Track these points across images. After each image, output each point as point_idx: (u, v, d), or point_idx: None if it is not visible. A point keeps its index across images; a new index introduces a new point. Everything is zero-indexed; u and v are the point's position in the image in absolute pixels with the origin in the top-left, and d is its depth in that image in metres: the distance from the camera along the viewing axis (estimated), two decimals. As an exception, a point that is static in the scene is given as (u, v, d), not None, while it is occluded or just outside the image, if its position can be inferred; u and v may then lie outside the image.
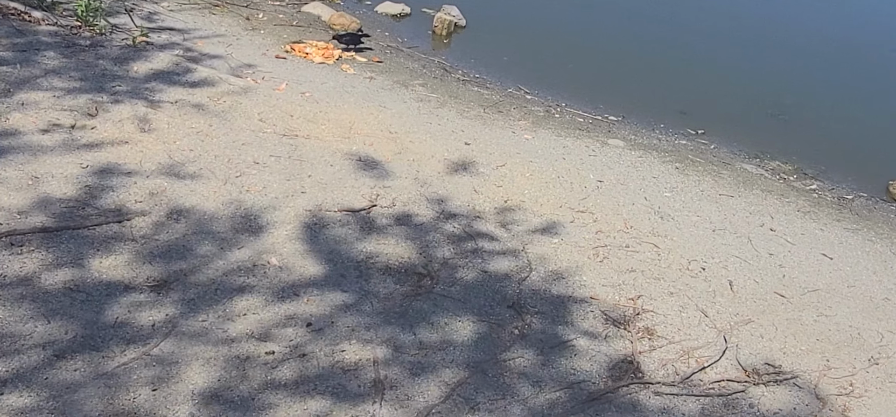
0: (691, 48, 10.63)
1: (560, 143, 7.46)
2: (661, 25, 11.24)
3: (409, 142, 6.82)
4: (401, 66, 8.72)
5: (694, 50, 10.59)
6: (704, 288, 5.55)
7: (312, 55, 8.30)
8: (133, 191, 5.36)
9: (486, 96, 8.38)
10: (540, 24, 10.64)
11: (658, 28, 11.12)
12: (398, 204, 5.83)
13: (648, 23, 11.26)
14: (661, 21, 11.41)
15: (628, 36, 10.75)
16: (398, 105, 7.58)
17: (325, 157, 6.28)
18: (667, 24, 11.36)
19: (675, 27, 11.26)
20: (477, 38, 9.95)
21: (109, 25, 7.82)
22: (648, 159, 7.52)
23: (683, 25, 11.36)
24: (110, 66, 7.01)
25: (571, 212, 6.22)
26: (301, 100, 7.20)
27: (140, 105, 6.47)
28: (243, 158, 6.05)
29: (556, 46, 10.09)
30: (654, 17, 11.49)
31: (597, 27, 10.87)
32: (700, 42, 10.88)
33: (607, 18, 11.21)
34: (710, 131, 8.56)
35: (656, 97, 9.19)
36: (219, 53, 7.93)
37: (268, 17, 9.20)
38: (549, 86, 9.00)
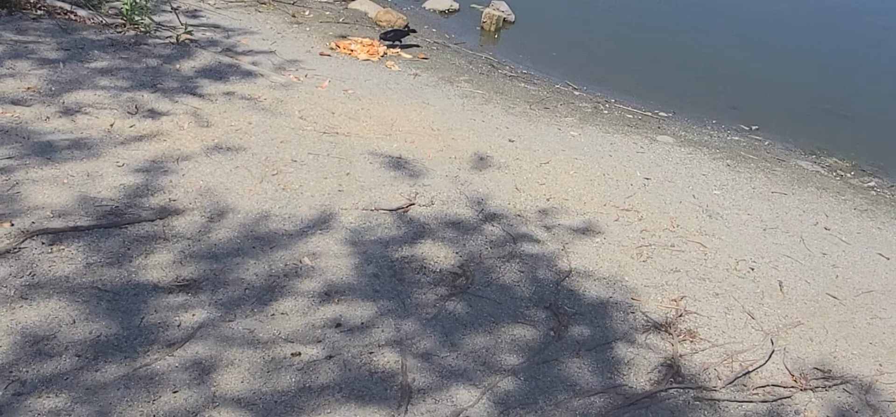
0: (746, 41, 10.40)
1: (607, 140, 7.30)
2: (714, 18, 11.01)
3: (451, 139, 6.71)
4: (447, 62, 8.61)
5: (748, 43, 10.36)
6: (752, 289, 5.36)
7: (357, 52, 8.22)
8: (170, 189, 5.31)
9: (533, 92, 8.24)
10: (591, 18, 10.48)
11: (711, 21, 10.90)
12: (437, 202, 5.72)
13: (702, 16, 11.03)
14: (714, 14, 11.17)
15: (681, 30, 10.55)
16: (442, 101, 7.48)
17: (365, 155, 6.19)
18: (720, 16, 11.11)
19: (729, 20, 11.02)
20: (526, 34, 9.81)
21: (154, 23, 7.80)
22: (698, 156, 7.32)
23: (738, 18, 11.11)
24: (154, 64, 6.99)
25: (616, 211, 6.06)
26: (343, 98, 7.13)
27: (181, 103, 6.44)
28: (281, 156, 5.98)
29: (606, 41, 9.92)
30: (707, 10, 11.25)
31: (648, 21, 10.68)
32: (755, 35, 10.64)
33: (660, 12, 11.01)
34: (764, 127, 8.33)
35: (708, 92, 8.99)
36: (263, 50, 7.88)
37: (314, 14, 9.15)
38: (599, 81, 8.84)
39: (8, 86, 6.28)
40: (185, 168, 5.61)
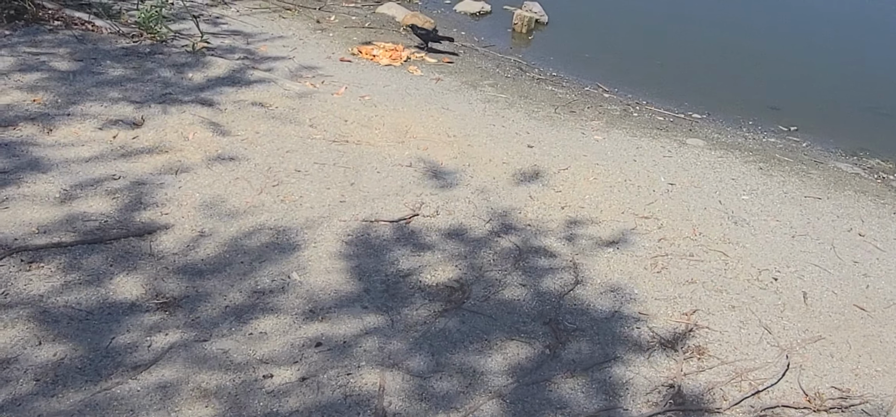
0: (785, 40, 10.03)
1: (633, 144, 7.01)
2: (753, 17, 10.63)
3: (467, 146, 6.48)
4: (472, 65, 8.38)
5: (788, 42, 9.98)
6: (773, 301, 5.05)
7: (379, 57, 8.03)
8: (163, 202, 5.16)
9: (560, 95, 7.97)
10: (626, 19, 10.18)
11: (751, 20, 10.53)
12: (443, 213, 5.49)
13: (740, 14, 10.66)
14: (753, 12, 10.79)
15: (719, 29, 10.20)
16: (462, 107, 7.25)
17: (374, 164, 5.99)
18: (759, 15, 10.73)
19: (768, 19, 10.63)
20: (558, 35, 9.54)
21: (171, 32, 7.69)
22: (729, 159, 7.00)
23: (777, 16, 10.71)
24: (165, 74, 6.87)
25: (634, 219, 5.78)
26: (358, 104, 6.94)
27: (189, 113, 6.30)
28: (284, 167, 5.80)
29: (641, 42, 9.62)
30: (745, 8, 10.87)
31: (685, 22, 10.34)
32: (797, 31, 10.25)
33: (697, 12, 10.64)
34: (804, 128, 7.97)
35: (746, 92, 8.66)
36: (281, 57, 7.73)
37: (339, 19, 8.98)
38: (631, 83, 8.54)
39: (13, 97, 6.20)
40: (183, 180, 5.45)
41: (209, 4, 8.77)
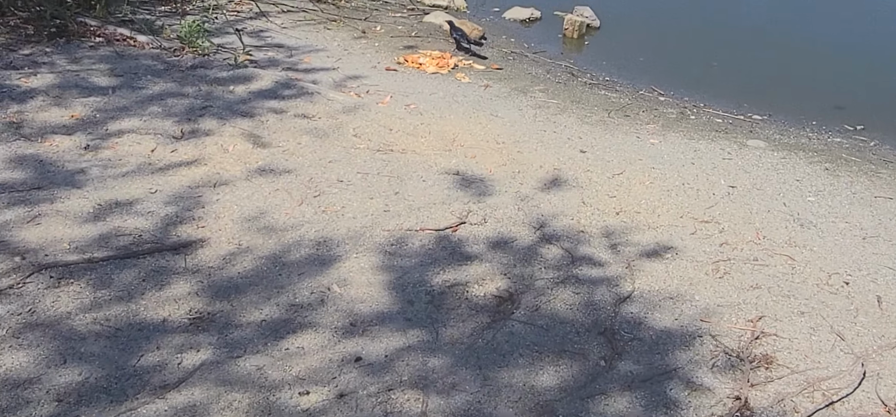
0: (851, 36, 9.63)
1: (690, 147, 6.70)
2: (812, 12, 10.24)
3: (516, 153, 6.23)
4: (522, 72, 8.13)
5: (850, 36, 9.58)
6: (844, 307, 4.71)
7: (426, 65, 7.81)
8: (201, 216, 4.98)
9: (613, 99, 7.68)
10: (679, 21, 9.86)
11: (809, 16, 10.14)
12: (491, 221, 5.24)
13: (798, 10, 10.28)
14: (811, 6, 10.40)
15: (776, 26, 9.84)
16: (512, 113, 7.00)
17: (419, 173, 5.76)
18: (818, 9, 10.34)
19: (832, 15, 10.23)
20: (610, 39, 9.26)
21: (213, 46, 7.54)
22: (793, 160, 6.66)
23: (836, 10, 10.31)
24: (206, 88, 6.71)
25: (694, 223, 5.48)
26: (404, 113, 6.72)
27: (230, 125, 6.13)
28: (327, 177, 5.60)
29: (698, 43, 9.30)
30: (803, 3, 10.48)
31: (740, 20, 10.00)
32: (857, 27, 9.84)
33: (752, 10, 10.28)
34: (871, 126, 7.60)
35: (809, 92, 8.29)
36: (325, 68, 7.55)
37: (385, 29, 8.78)
38: (687, 85, 8.22)
39: (52, 114, 6.07)
40: (222, 193, 5.27)
41: (252, 18, 8.63)
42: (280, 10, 8.92)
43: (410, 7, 9.55)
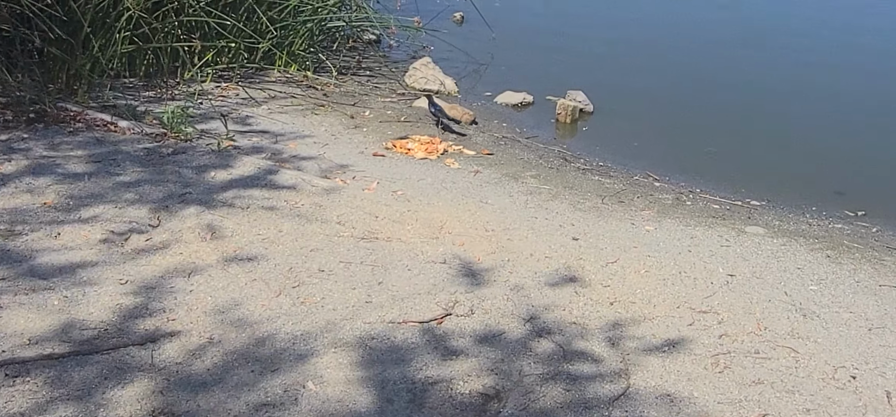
0: (851, 119, 9.45)
1: (687, 233, 6.46)
2: (816, 99, 10.09)
3: (506, 241, 5.99)
4: (514, 157, 7.92)
5: (854, 121, 9.40)
6: (852, 403, 4.45)
7: (414, 151, 7.61)
8: (172, 308, 4.73)
9: (607, 185, 7.47)
10: (675, 105, 9.70)
11: (813, 102, 9.98)
12: (478, 312, 4.98)
13: (802, 97, 10.13)
14: (816, 94, 10.26)
15: (774, 112, 9.65)
16: (502, 200, 6.77)
17: (404, 261, 5.52)
18: (823, 96, 10.19)
19: (833, 98, 10.08)
20: (604, 124, 9.08)
21: (196, 131, 7.35)
22: (793, 247, 6.42)
23: (842, 96, 10.17)
24: (187, 174, 6.49)
25: (691, 313, 5.22)
26: (390, 200, 6.49)
27: (207, 213, 5.90)
28: (307, 266, 5.35)
29: (694, 128, 9.12)
30: (808, 91, 10.34)
31: (738, 106, 9.81)
32: (861, 112, 9.65)
33: (756, 97, 10.12)
34: (873, 212, 7.38)
35: (808, 177, 8.09)
36: (311, 155, 7.34)
37: (375, 114, 8.60)
38: (683, 170, 8.02)
39: (22, 201, 5.85)
40: (196, 283, 5.02)
41: (238, 104, 8.46)
42: (267, 96, 8.75)
43: (400, 92, 9.39)
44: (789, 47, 12.11)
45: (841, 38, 12.99)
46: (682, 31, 12.56)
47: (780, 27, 13.52)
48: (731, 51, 11.66)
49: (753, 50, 11.71)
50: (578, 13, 13.44)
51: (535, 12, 13.20)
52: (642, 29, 12.69)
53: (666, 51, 11.56)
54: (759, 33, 12.79)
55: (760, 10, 14.45)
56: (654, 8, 13.76)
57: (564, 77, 10.17)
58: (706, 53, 11.48)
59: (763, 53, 11.65)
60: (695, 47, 11.73)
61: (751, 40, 12.24)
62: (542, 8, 13.47)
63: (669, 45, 11.79)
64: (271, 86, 9.06)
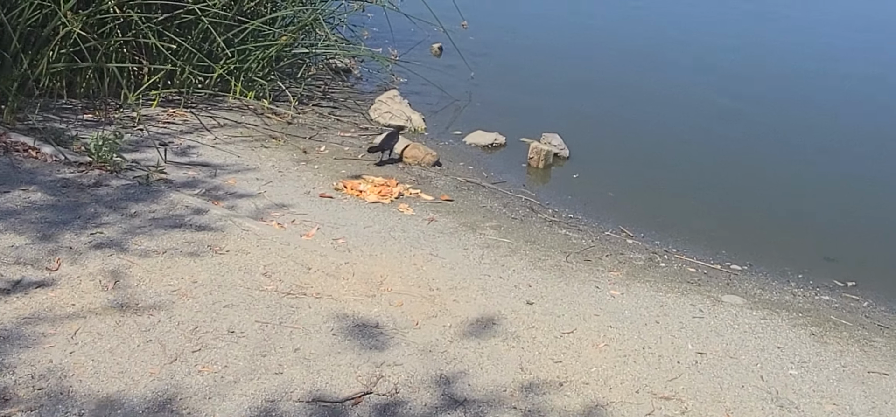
0: (846, 178, 8.77)
1: (657, 301, 5.80)
2: (809, 151, 9.43)
3: (451, 302, 5.32)
4: (475, 204, 7.26)
5: (849, 180, 8.71)
6: None
7: (366, 193, 6.96)
8: (41, 374, 4.05)
9: (574, 241, 6.80)
10: (659, 152, 9.02)
11: (806, 154, 9.31)
12: (403, 390, 4.32)
13: (793, 150, 9.46)
14: (809, 146, 9.60)
15: (768, 166, 8.97)
16: (455, 253, 6.11)
17: (330, 323, 4.86)
18: (809, 146, 9.52)
19: (827, 154, 9.41)
20: (579, 171, 8.43)
21: (126, 162, 6.69)
22: (774, 322, 5.76)
23: (837, 152, 9.50)
24: (103, 210, 5.84)
25: (652, 399, 4.57)
26: (328, 249, 5.84)
27: (116, 257, 5.24)
28: (216, 326, 4.69)
29: (676, 179, 8.45)
30: (800, 143, 9.68)
31: (726, 156, 9.14)
32: (857, 171, 8.98)
33: (739, 146, 9.45)
34: (864, 283, 6.71)
35: (796, 239, 7.43)
36: (250, 192, 6.68)
37: (331, 150, 7.94)
38: (660, 227, 7.36)
39: None
40: (80, 343, 4.38)
41: (184, 131, 7.80)
42: (217, 124, 8.10)
43: (363, 126, 8.74)
44: (784, 98, 11.46)
45: (839, 83, 12.34)
46: (674, 75, 11.90)
47: (775, 73, 12.88)
48: (720, 99, 11.00)
49: (746, 101, 11.05)
50: (565, 48, 12.79)
51: (520, 46, 12.54)
52: (631, 70, 12.04)
53: (653, 94, 10.90)
54: (754, 81, 12.14)
55: (759, 55, 13.78)
56: (647, 50, 13.10)
57: (542, 117, 9.53)
58: (696, 99, 10.81)
59: (755, 105, 10.99)
60: (685, 93, 11.06)
61: (743, 90, 11.57)
62: (527, 41, 12.80)
63: (658, 89, 11.13)
64: (224, 114, 8.41)
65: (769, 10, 16.87)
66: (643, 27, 14.45)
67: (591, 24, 14.49)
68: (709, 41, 14.12)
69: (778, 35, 15.13)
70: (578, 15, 14.88)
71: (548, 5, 15.47)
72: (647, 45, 13.37)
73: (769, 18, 16.41)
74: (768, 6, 17.13)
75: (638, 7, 15.80)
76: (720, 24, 15.43)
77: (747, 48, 13.94)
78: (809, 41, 14.65)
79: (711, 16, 16.20)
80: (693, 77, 11.83)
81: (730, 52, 13.42)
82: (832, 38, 14.98)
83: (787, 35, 15.11)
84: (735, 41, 14.28)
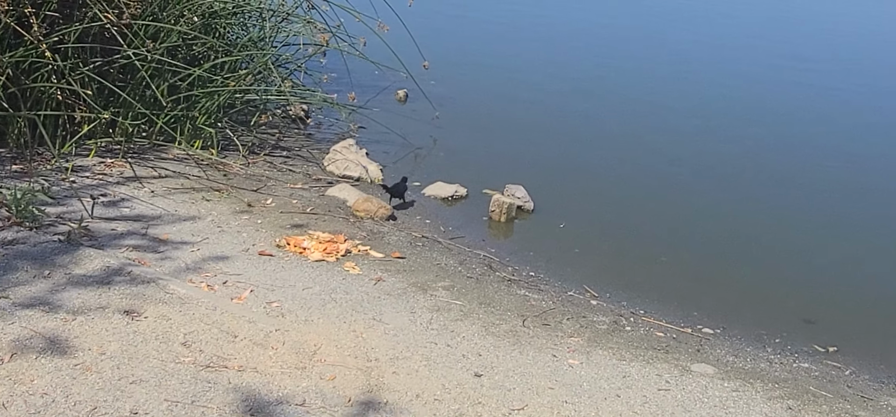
0: (827, 235, 8.27)
1: (619, 371, 5.31)
2: (782, 203, 8.94)
3: (390, 375, 4.82)
4: (429, 262, 6.75)
5: (831, 237, 8.22)
6: None
7: (310, 250, 6.45)
8: None
9: (533, 302, 6.30)
10: (628, 207, 8.53)
11: (779, 207, 8.83)
12: (323, 483, 3.76)
13: (766, 200, 8.98)
14: (781, 196, 9.12)
15: (738, 219, 8.49)
16: (400, 318, 5.60)
17: (250, 402, 4.35)
18: (789, 198, 9.06)
19: (801, 204, 8.94)
20: (543, 225, 7.93)
21: (49, 216, 6.18)
22: (747, 394, 5.27)
23: (812, 201, 9.04)
24: (14, 271, 5.34)
25: (607, 490, 4.01)
26: (260, 314, 5.32)
27: (17, 325, 4.74)
28: (118, 408, 4.19)
29: (644, 235, 7.95)
30: (773, 193, 9.19)
31: (700, 211, 8.64)
32: (840, 227, 8.49)
33: (714, 200, 8.96)
34: (846, 348, 6.24)
35: (773, 299, 6.96)
36: (183, 249, 6.19)
37: (278, 203, 7.42)
38: (627, 286, 6.88)
39: None
40: (-44, 429, 3.78)
41: (119, 182, 7.28)
42: (157, 175, 7.59)
43: (316, 177, 8.25)
44: (762, 137, 10.99)
45: (824, 128, 11.88)
46: (647, 120, 11.42)
47: (753, 108, 12.43)
48: (697, 144, 10.53)
49: (723, 142, 10.61)
50: (537, 91, 12.27)
51: (488, 89, 12.06)
52: (604, 114, 11.56)
53: (624, 142, 10.42)
54: (729, 120, 11.68)
55: (731, 88, 13.35)
56: (619, 93, 12.65)
57: (507, 165, 9.08)
58: (668, 147, 10.33)
59: (732, 145, 10.53)
60: (658, 139, 10.59)
61: (719, 132, 11.12)
62: (497, 84, 12.33)
63: (629, 136, 10.65)
64: (167, 164, 7.90)
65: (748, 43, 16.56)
66: (622, 72, 13.98)
67: (564, 65, 14.04)
68: (684, 82, 13.70)
69: (759, 70, 14.71)
70: (552, 57, 14.44)
71: (520, 45, 15.03)
72: (625, 90, 12.89)
73: (746, 50, 16.07)
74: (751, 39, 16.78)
75: (611, 48, 15.43)
76: (697, 64, 15.03)
77: (722, 88, 13.52)
78: (794, 79, 14.22)
79: (690, 53, 15.80)
80: (668, 121, 11.34)
81: (703, 95, 13.00)
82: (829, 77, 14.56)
83: (769, 73, 14.69)
84: (709, 82, 13.87)
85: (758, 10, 21.29)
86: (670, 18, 18.90)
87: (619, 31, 17.19)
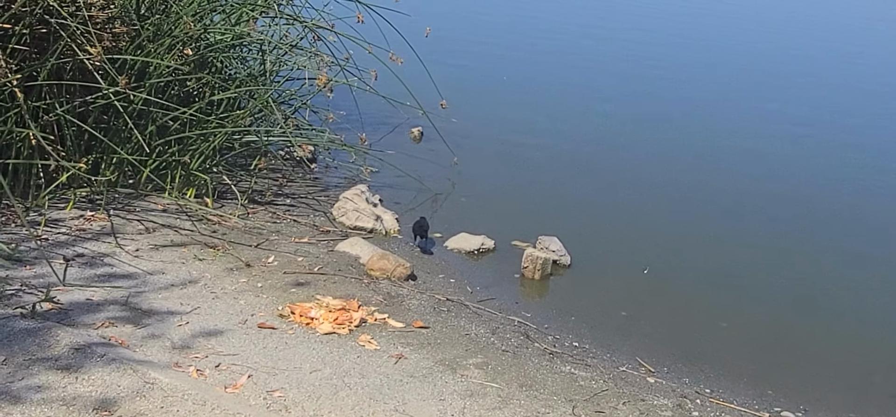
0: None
1: (695, 475, 4.29)
2: (877, 257, 7.86)
3: (420, 488, 3.82)
4: (457, 332, 5.78)
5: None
6: None
7: (318, 321, 5.50)
8: None
9: (582, 382, 5.33)
10: (680, 259, 7.50)
11: (873, 261, 7.75)
12: None
13: (857, 253, 7.90)
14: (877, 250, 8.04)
15: (821, 277, 7.40)
16: (428, 408, 4.67)
17: None
18: (884, 257, 7.97)
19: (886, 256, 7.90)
20: (584, 284, 6.96)
21: (12, 282, 5.27)
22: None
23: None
24: (-39, 356, 4.34)
25: None
26: (260, 407, 4.39)
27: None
28: None
29: (703, 294, 6.93)
30: (864, 245, 8.12)
31: (775, 262, 7.57)
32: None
33: (793, 250, 7.89)
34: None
35: (860, 372, 6.01)
36: (169, 324, 5.24)
37: (281, 261, 6.46)
38: (687, 358, 5.91)
39: None
40: None
41: (98, 237, 6.34)
42: (144, 229, 6.64)
43: (325, 229, 7.29)
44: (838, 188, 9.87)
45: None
46: (697, 159, 10.33)
47: (828, 149, 11.29)
48: (757, 190, 9.46)
49: (788, 186, 9.54)
50: (567, 130, 11.26)
51: (511, 129, 11.05)
52: (641, 156, 10.51)
53: (670, 185, 9.34)
54: (795, 159, 10.59)
55: (800, 133, 12.15)
56: (662, 127, 11.62)
57: (538, 213, 8.16)
58: (723, 193, 9.26)
59: (798, 189, 9.47)
60: (711, 182, 9.51)
61: (784, 175, 10.03)
62: (520, 123, 11.31)
63: (676, 178, 9.58)
64: (155, 216, 6.95)
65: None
66: (661, 103, 12.93)
67: (594, 100, 13.01)
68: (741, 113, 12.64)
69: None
70: (584, 91, 13.41)
71: (547, 83, 13.97)
72: (669, 123, 11.83)
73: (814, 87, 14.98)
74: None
75: (656, 79, 14.38)
76: (756, 96, 13.96)
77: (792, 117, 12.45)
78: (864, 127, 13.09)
79: (750, 82, 14.74)
80: (722, 163, 10.31)
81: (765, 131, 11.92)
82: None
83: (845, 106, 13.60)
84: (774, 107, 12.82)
85: (826, 42, 20.07)
86: (720, 40, 17.80)
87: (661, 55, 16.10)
